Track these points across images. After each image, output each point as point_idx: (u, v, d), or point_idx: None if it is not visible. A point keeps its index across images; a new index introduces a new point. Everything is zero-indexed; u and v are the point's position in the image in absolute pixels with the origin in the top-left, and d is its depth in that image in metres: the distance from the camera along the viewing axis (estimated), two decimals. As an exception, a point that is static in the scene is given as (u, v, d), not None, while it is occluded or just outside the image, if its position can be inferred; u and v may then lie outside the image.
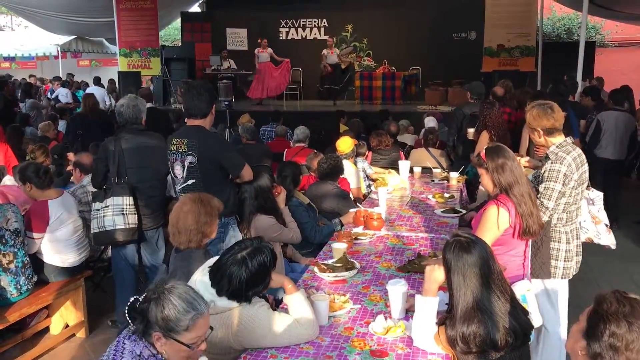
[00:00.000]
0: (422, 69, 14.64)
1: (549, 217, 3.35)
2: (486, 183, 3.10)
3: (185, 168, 3.61)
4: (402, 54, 14.95)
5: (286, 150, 7.29)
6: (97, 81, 13.45)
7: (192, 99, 3.63)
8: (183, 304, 1.91)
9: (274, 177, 6.70)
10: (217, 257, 2.49)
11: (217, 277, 2.36)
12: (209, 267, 2.44)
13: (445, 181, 5.68)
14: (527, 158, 4.04)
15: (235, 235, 3.76)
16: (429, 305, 2.35)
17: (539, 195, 3.34)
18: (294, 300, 2.47)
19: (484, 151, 3.11)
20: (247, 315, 2.35)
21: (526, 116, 3.53)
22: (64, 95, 11.60)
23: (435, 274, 2.38)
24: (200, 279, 2.44)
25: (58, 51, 16.53)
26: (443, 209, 4.54)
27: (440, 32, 14.88)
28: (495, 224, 2.94)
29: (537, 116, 3.42)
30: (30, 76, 16.58)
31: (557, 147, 3.38)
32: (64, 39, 16.41)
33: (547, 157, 3.42)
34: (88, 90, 12.81)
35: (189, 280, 2.70)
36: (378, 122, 9.46)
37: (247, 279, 2.33)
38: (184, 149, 3.59)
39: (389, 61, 14.46)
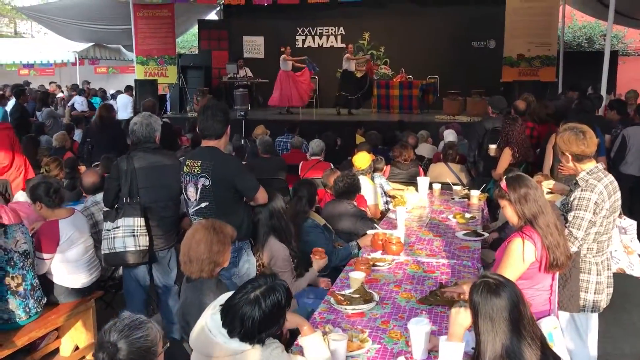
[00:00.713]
0: (440, 78, 14.45)
1: (578, 247, 3.18)
2: (509, 215, 2.94)
3: (199, 190, 3.50)
4: (420, 63, 14.78)
5: (302, 163, 7.17)
6: (128, 89, 13.45)
7: (207, 119, 3.53)
8: None
9: (288, 189, 6.72)
10: (229, 294, 2.36)
11: (229, 318, 2.23)
12: (221, 305, 2.31)
13: (466, 199, 5.51)
14: (552, 182, 3.87)
15: (249, 260, 3.64)
16: (454, 352, 2.20)
17: (567, 224, 3.17)
18: (310, 342, 2.33)
19: (504, 182, 2.96)
20: (261, 358, 2.21)
21: (557, 138, 3.37)
22: (79, 103, 11.59)
23: (461, 317, 2.23)
24: (211, 317, 2.31)
25: (76, 58, 16.61)
26: (464, 232, 4.38)
27: (459, 40, 14.68)
28: (520, 258, 2.78)
29: (567, 141, 3.26)
30: (50, 83, 16.67)
31: (587, 173, 3.21)
32: (82, 46, 16.48)
33: (576, 184, 3.26)
34: (119, 98, 12.82)
35: (200, 314, 2.59)
36: (395, 133, 9.33)
37: (260, 320, 2.19)
38: (198, 170, 3.48)
39: (407, 70, 14.30)
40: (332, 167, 6.46)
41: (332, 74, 15.40)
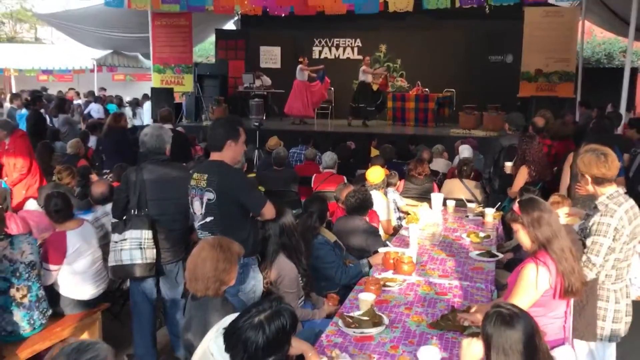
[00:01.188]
0: (457, 92, 14.33)
1: (596, 274, 3.07)
2: (522, 239, 2.83)
3: (204, 205, 3.44)
4: (436, 76, 14.68)
5: (315, 175, 7.11)
6: (148, 97, 13.54)
7: (210, 130, 3.53)
8: None
9: (300, 202, 6.65)
10: (233, 316, 2.29)
11: (232, 342, 2.15)
12: (224, 328, 2.23)
13: (481, 217, 5.40)
14: (567, 209, 3.76)
15: (255, 277, 3.57)
16: (465, 385, 2.10)
17: (585, 249, 3.06)
18: (315, 369, 2.25)
19: (517, 205, 2.86)
20: (263, 385, 2.13)
21: (577, 159, 3.27)
22: (95, 110, 11.65)
23: (473, 349, 2.13)
24: (214, 341, 2.24)
25: (94, 65, 16.75)
26: (478, 252, 4.27)
27: (476, 54, 14.57)
28: (533, 285, 2.68)
29: (588, 163, 3.15)
30: (69, 89, 16.81)
31: (607, 197, 3.10)
32: (100, 53, 16.62)
33: (595, 208, 3.15)
34: (146, 105, 12.84)
35: (205, 333, 2.52)
36: (408, 147, 9.24)
37: (264, 346, 2.12)
38: (204, 184, 3.43)
39: (423, 82, 14.20)
40: (346, 180, 6.38)
41: (348, 85, 15.35)
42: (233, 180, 3.45)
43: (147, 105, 12.70)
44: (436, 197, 5.57)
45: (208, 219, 3.45)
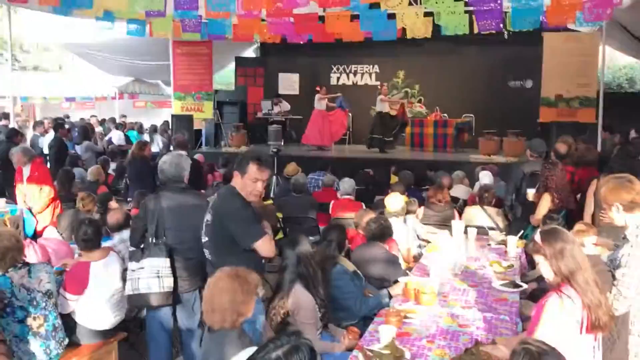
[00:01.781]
0: (476, 117, 14.23)
1: (627, 308, 2.94)
2: (544, 271, 2.73)
3: (204, 224, 3.51)
4: (455, 101, 14.63)
5: (333, 202, 7.06)
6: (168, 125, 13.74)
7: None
8: None
9: (319, 228, 6.59)
10: (250, 351, 2.22)
11: (249, 378, 2.08)
12: (240, 364, 2.16)
13: (503, 245, 5.27)
14: (594, 238, 3.65)
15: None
16: None
17: (615, 282, 2.94)
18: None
19: (539, 236, 2.77)
20: None
21: (602, 189, 3.18)
22: (116, 137, 11.79)
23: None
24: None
25: (116, 93, 17.00)
26: (502, 282, 4.15)
27: (495, 79, 14.50)
28: (559, 318, 2.57)
29: (614, 189, 3.06)
30: (91, 116, 17.07)
31: (638, 227, 2.99)
32: (122, 80, 16.89)
33: (625, 239, 3.04)
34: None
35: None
36: (426, 173, 9.16)
37: (282, 382, 2.03)
38: (210, 204, 3.51)
39: (442, 108, 14.16)
40: (364, 207, 6.32)
41: (366, 111, 15.35)
42: (228, 207, 3.43)
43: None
44: (457, 224, 5.46)
45: (204, 239, 3.50)
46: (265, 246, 3.40)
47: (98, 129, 14.11)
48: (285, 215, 6.84)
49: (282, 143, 12.98)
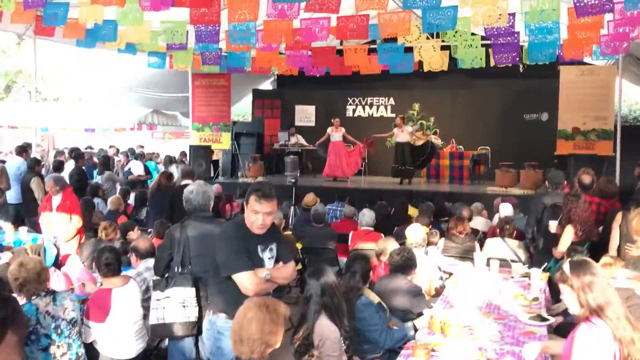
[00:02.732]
0: (492, 149, 14.22)
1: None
2: (570, 302, 2.67)
3: None
4: (471, 134, 14.64)
5: (352, 233, 7.02)
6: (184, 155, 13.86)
7: None
8: None
9: (338, 260, 6.54)
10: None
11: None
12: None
13: (526, 278, 5.19)
14: (626, 272, 3.58)
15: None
16: None
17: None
18: None
19: (568, 265, 2.72)
20: None
21: (632, 222, 3.13)
22: (135, 167, 11.89)
23: None
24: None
25: (135, 124, 17.23)
26: (529, 315, 4.07)
27: (511, 112, 14.52)
28: (592, 351, 2.50)
29: (644, 222, 3.01)
30: (110, 147, 17.28)
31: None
32: (140, 112, 17.14)
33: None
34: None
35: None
36: (444, 204, 9.12)
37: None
38: None
39: (457, 140, 14.16)
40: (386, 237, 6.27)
41: (382, 142, 15.39)
42: (221, 233, 3.48)
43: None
44: (479, 256, 5.41)
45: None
46: (245, 281, 3.25)
47: (118, 159, 14.26)
48: (305, 246, 6.81)
49: (299, 174, 13.03)
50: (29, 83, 23.03)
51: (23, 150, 9.25)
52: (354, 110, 16.32)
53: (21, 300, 3.41)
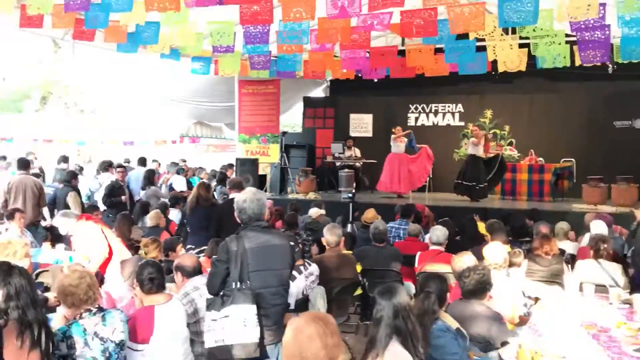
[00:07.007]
0: (577, 161, 13.79)
1: None
2: None
3: None
4: (552, 144, 14.25)
5: (419, 253, 6.89)
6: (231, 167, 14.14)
7: None
8: None
9: (402, 283, 6.42)
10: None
11: None
12: None
13: (628, 305, 4.96)
14: None
15: None
16: None
17: None
18: None
19: None
20: None
21: None
22: (178, 182, 12.11)
23: None
24: None
25: (178, 137, 17.64)
26: (635, 347, 3.87)
27: (598, 119, 14.08)
28: None
29: None
30: (153, 161, 17.75)
31: None
32: (182, 123, 17.53)
33: None
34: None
35: None
36: (524, 222, 8.87)
37: None
38: None
39: (536, 151, 13.80)
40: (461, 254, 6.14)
41: (449, 155, 15.20)
42: None
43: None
44: (571, 279, 5.22)
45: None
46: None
47: (161, 173, 14.59)
48: (366, 267, 6.73)
49: (354, 189, 12.95)
50: (65, 94, 24.03)
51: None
52: (416, 119, 16.15)
53: (67, 314, 3.48)
